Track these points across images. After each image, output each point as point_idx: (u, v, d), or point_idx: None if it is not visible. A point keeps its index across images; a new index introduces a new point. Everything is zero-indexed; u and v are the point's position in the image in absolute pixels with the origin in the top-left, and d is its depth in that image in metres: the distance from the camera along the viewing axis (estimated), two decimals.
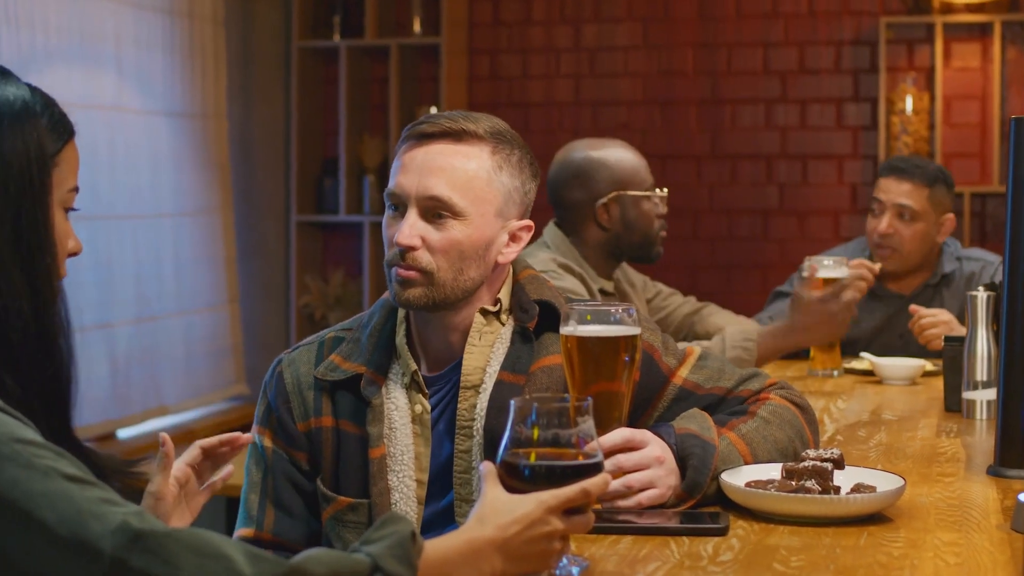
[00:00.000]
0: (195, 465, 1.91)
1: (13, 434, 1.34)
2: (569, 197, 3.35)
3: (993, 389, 2.74)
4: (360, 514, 2.02)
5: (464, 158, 2.00)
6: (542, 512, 1.49)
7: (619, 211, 3.33)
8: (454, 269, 2.00)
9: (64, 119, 1.60)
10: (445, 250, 1.99)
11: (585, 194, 3.33)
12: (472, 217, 1.99)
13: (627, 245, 3.36)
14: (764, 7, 5.77)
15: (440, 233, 1.99)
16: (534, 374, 2.02)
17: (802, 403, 2.15)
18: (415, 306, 2.01)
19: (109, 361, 4.66)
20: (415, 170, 2.00)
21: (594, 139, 3.47)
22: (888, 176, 3.90)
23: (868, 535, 1.78)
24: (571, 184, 3.34)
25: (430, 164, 2.00)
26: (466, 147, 2.01)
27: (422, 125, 2.03)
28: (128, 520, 1.30)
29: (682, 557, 1.69)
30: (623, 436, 1.90)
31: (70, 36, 4.46)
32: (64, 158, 1.58)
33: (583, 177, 3.33)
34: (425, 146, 2.02)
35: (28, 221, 1.51)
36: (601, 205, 3.32)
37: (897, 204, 3.85)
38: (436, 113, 2.06)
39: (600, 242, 3.35)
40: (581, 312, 1.90)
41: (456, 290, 2.01)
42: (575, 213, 3.35)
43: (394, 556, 1.40)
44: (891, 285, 3.99)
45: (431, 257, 1.99)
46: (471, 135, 2.01)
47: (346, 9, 5.95)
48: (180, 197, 5.14)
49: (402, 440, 2.02)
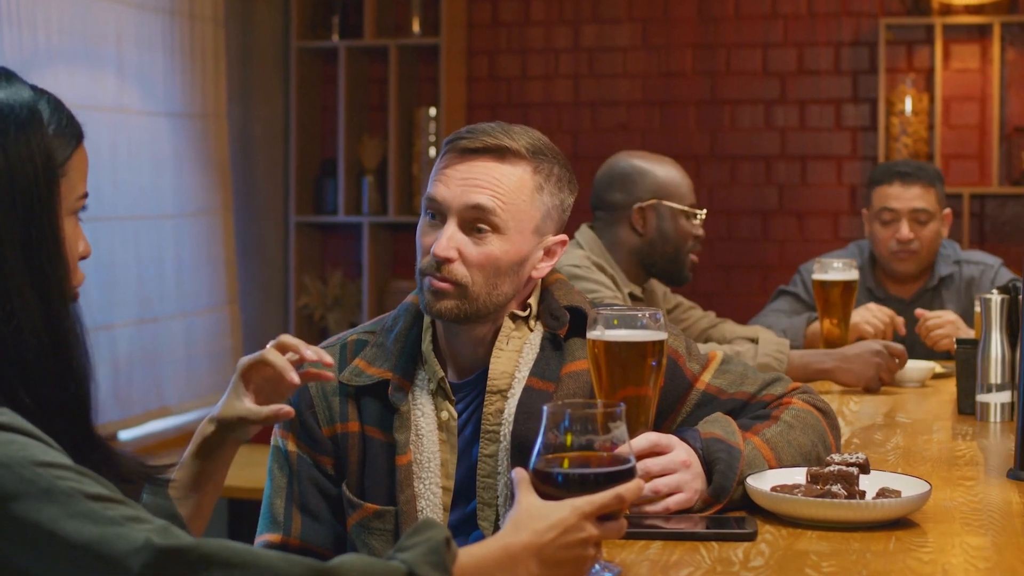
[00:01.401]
0: None
1: (35, 458, 1.33)
2: (609, 198, 3.40)
3: (1007, 392, 2.74)
4: (386, 521, 2.02)
5: (507, 176, 2.00)
6: (577, 518, 1.48)
7: (655, 219, 3.36)
8: (489, 284, 1.99)
9: (72, 123, 1.56)
10: (481, 264, 1.99)
11: (625, 196, 3.37)
12: (511, 233, 1.99)
13: (659, 256, 3.38)
14: (763, 8, 5.77)
15: (478, 247, 1.99)
16: (562, 379, 2.01)
17: (825, 408, 2.15)
18: (446, 317, 2.00)
19: (111, 363, 4.65)
20: (457, 181, 1.99)
21: (648, 152, 3.54)
22: (893, 183, 3.93)
23: (896, 540, 1.78)
24: (614, 186, 3.40)
25: (474, 178, 1.99)
26: (508, 166, 2.00)
27: (463, 140, 2.01)
28: (152, 537, 1.29)
29: (713, 563, 1.69)
30: (650, 441, 1.90)
31: (71, 37, 4.45)
32: (73, 165, 1.54)
33: (626, 180, 3.38)
34: (468, 161, 2.00)
35: (37, 235, 1.47)
36: (638, 209, 3.35)
37: (913, 209, 3.90)
38: (476, 127, 2.03)
39: (632, 247, 3.38)
40: (608, 317, 1.90)
41: (488, 304, 2.01)
42: (613, 214, 3.39)
43: (429, 563, 1.39)
44: (892, 289, 4.00)
45: (467, 270, 1.98)
46: (513, 153, 2.00)
47: (345, 9, 5.94)
48: (181, 198, 5.13)
49: (429, 447, 2.02)
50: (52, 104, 1.55)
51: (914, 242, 3.91)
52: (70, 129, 1.55)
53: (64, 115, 1.55)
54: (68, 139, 1.54)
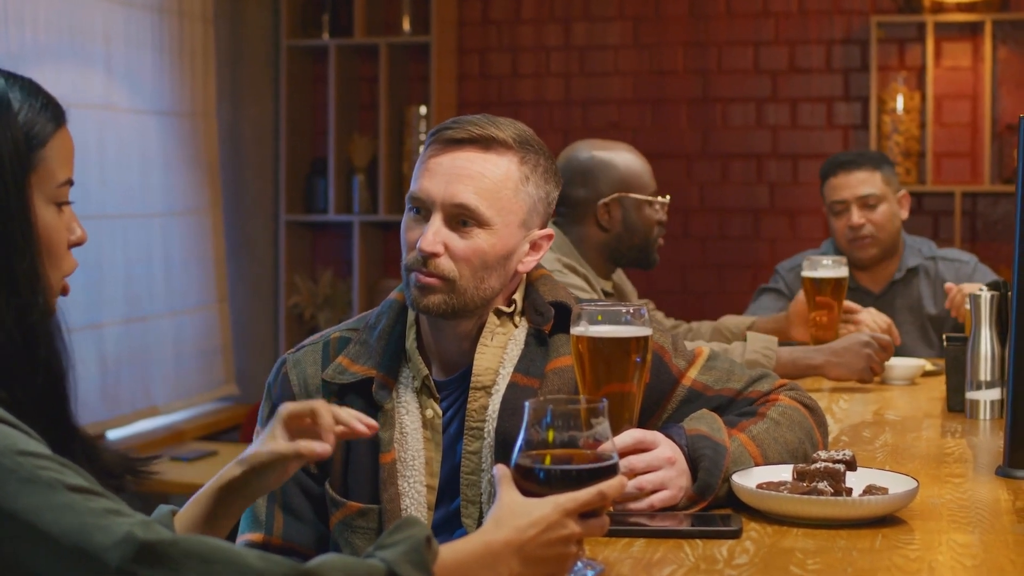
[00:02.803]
0: None
1: (15, 446, 1.31)
2: (572, 195, 3.32)
3: (997, 389, 2.73)
4: (370, 519, 2.00)
5: (492, 167, 1.97)
6: (559, 515, 1.47)
7: (620, 213, 3.32)
8: (476, 278, 1.97)
9: (49, 107, 1.51)
10: (468, 258, 1.96)
11: (588, 192, 3.32)
12: (497, 227, 1.97)
13: (626, 248, 3.35)
14: (755, 6, 5.76)
15: (464, 241, 1.96)
16: (546, 376, 2.00)
17: (811, 404, 2.14)
18: (434, 313, 1.98)
19: (99, 362, 4.64)
20: (442, 175, 1.97)
21: (600, 140, 3.46)
22: (837, 174, 3.97)
23: (883, 537, 1.76)
24: (575, 182, 3.31)
25: (458, 171, 1.96)
26: (494, 156, 1.98)
27: (448, 131, 1.99)
28: (133, 531, 1.28)
29: (697, 560, 1.67)
30: (634, 437, 1.88)
31: (60, 34, 4.43)
32: (51, 153, 1.49)
33: (588, 176, 3.32)
34: (452, 152, 1.98)
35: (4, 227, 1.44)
36: (603, 205, 3.30)
37: (859, 196, 3.93)
38: (461, 118, 2.01)
39: (599, 243, 3.34)
40: (592, 312, 1.88)
41: (476, 298, 1.99)
42: (576, 211, 3.34)
43: (409, 561, 1.38)
44: (863, 280, 4.01)
45: (453, 265, 1.96)
46: (499, 143, 1.98)
47: (335, 8, 5.92)
48: (170, 196, 5.11)
49: (413, 445, 2.00)
50: (26, 89, 1.50)
51: (866, 227, 3.93)
52: (47, 113, 1.50)
53: (40, 99, 1.51)
54: (44, 123, 1.49)
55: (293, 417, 1.70)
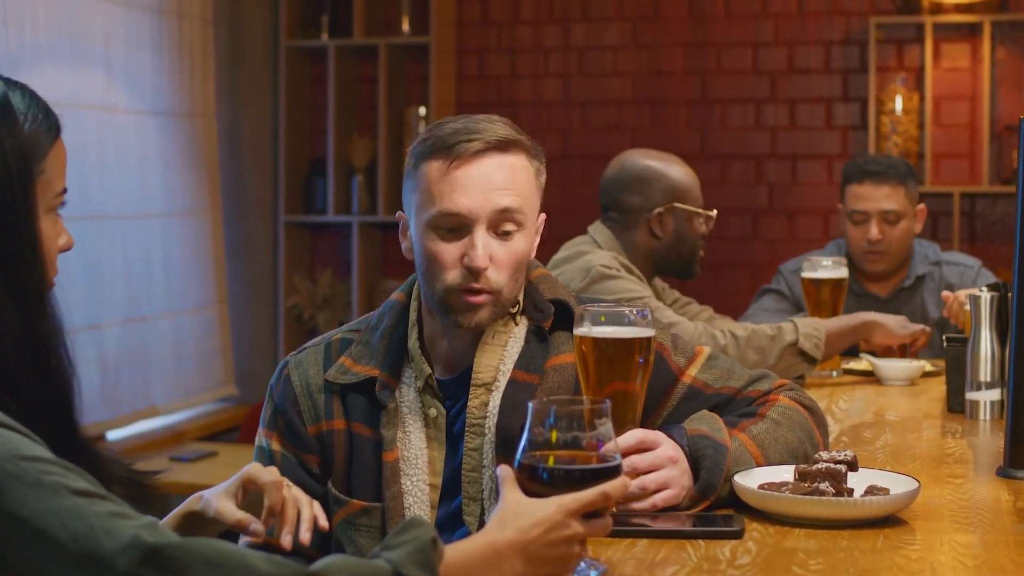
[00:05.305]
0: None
1: (19, 452, 1.32)
2: (625, 201, 3.42)
3: (997, 390, 2.74)
4: (373, 518, 2.01)
5: (518, 168, 1.99)
6: (562, 515, 1.47)
7: (672, 223, 3.41)
8: (513, 281, 2.00)
9: (48, 117, 1.51)
10: (509, 264, 1.98)
11: (642, 201, 3.41)
12: (528, 225, 2.00)
13: (674, 257, 3.45)
14: (754, 7, 5.76)
15: (505, 247, 1.97)
16: (546, 372, 2.00)
17: (811, 405, 2.14)
18: (483, 328, 2.00)
19: (99, 362, 4.63)
20: (475, 187, 1.95)
21: (653, 150, 3.56)
22: (863, 182, 3.92)
23: (884, 538, 1.77)
24: (631, 189, 3.42)
25: (492, 179, 1.95)
26: (512, 157, 1.99)
27: (461, 144, 1.95)
28: (140, 534, 1.28)
29: (700, 560, 1.67)
30: (637, 437, 1.88)
31: (59, 35, 4.43)
32: (50, 163, 1.49)
33: (643, 184, 3.41)
34: (476, 162, 1.96)
35: (12, 239, 1.44)
36: (656, 214, 3.39)
37: (882, 211, 3.90)
38: (455, 127, 1.97)
39: (649, 250, 3.43)
40: (595, 313, 1.88)
41: (510, 301, 2.02)
42: (629, 217, 3.42)
43: (415, 562, 1.38)
44: (869, 286, 4.00)
45: (498, 275, 1.97)
46: (513, 143, 1.99)
47: (334, 8, 5.92)
48: (169, 197, 5.11)
49: (416, 444, 2.01)
50: (27, 98, 1.50)
51: (883, 243, 3.91)
52: (46, 123, 1.50)
53: (40, 109, 1.51)
54: (45, 134, 1.49)
55: (250, 481, 1.74)
